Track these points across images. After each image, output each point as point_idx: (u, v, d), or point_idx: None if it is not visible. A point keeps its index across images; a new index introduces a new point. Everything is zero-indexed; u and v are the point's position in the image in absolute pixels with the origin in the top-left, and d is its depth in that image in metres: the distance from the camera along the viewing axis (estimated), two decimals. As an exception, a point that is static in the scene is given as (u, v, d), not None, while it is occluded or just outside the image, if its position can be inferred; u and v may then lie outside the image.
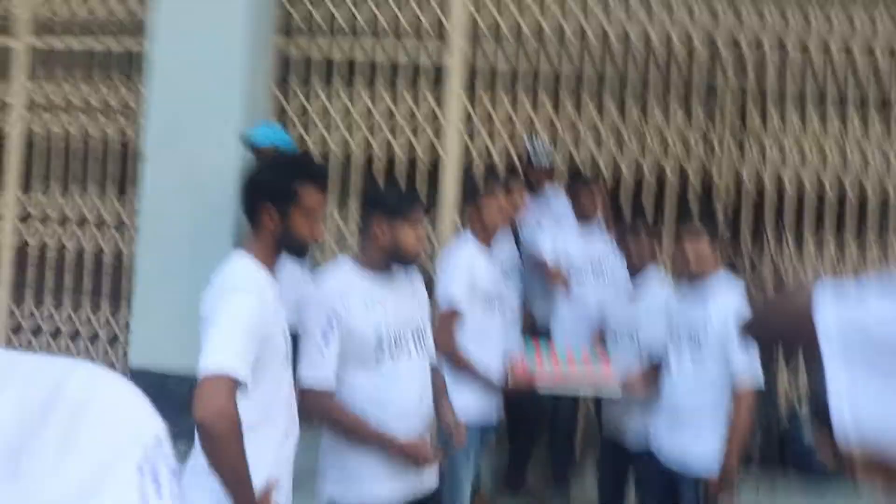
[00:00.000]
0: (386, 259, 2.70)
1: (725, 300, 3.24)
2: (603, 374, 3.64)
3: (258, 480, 2.02)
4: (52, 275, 5.33)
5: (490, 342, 3.52)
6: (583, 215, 4.42)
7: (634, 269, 3.81)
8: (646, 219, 4.17)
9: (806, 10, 4.84)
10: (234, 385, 1.95)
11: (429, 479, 2.80)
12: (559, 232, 4.45)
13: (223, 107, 4.55)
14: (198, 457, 2.09)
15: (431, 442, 2.76)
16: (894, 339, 0.92)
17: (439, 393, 2.90)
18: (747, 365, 3.16)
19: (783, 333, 1.16)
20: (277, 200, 2.24)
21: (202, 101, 4.57)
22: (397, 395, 2.65)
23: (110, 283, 5.27)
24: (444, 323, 3.28)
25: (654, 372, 3.57)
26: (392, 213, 2.67)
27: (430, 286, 3.04)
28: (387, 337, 2.64)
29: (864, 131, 4.94)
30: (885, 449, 0.93)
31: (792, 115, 4.92)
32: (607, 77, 4.96)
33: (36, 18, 5.30)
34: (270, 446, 2.17)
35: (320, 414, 2.60)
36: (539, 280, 4.46)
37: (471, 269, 3.44)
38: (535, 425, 4.47)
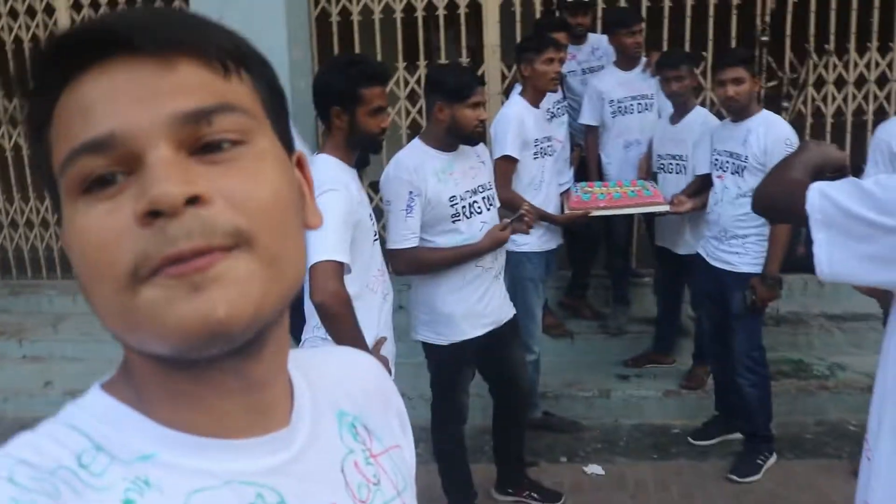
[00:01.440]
0: (451, 137, 2.98)
1: (766, 133, 3.47)
2: (651, 195, 3.97)
3: (368, 340, 2.44)
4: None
5: (544, 184, 3.86)
6: (626, 61, 4.51)
7: (680, 103, 4.03)
8: (687, 53, 4.27)
9: None
10: (339, 267, 2.33)
11: (506, 309, 3.22)
12: (600, 80, 4.59)
13: None
14: (313, 331, 2.52)
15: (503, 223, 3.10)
16: (851, 216, 1.30)
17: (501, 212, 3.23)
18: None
19: (780, 205, 1.52)
20: (344, 103, 2.52)
21: None
22: None
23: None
24: (501, 172, 3.58)
25: (700, 189, 3.89)
26: (451, 96, 2.91)
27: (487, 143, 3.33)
28: (460, 202, 2.98)
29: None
30: (848, 282, 1.38)
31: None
32: None
33: None
34: (373, 310, 2.58)
35: (408, 264, 2.98)
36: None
37: (520, 124, 3.69)
38: (591, 248, 4.84)
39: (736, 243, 3.63)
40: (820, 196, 1.35)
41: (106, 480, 0.57)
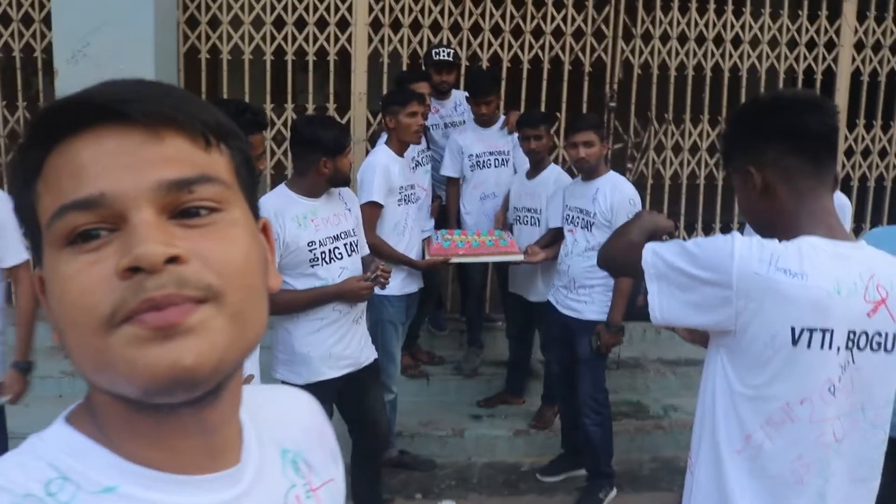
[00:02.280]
0: (326, 185, 3.12)
1: (612, 192, 3.80)
2: (508, 245, 4.22)
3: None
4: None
5: (408, 229, 4.03)
6: (483, 122, 4.76)
7: (537, 160, 4.33)
8: (545, 114, 4.59)
9: None
10: None
11: (367, 352, 3.32)
12: (461, 134, 4.81)
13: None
14: None
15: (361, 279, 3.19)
16: (676, 271, 1.58)
17: (367, 259, 3.36)
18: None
19: (621, 262, 1.82)
20: None
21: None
22: None
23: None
24: (367, 217, 3.71)
25: (553, 241, 4.18)
26: (332, 151, 3.06)
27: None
28: (319, 247, 3.09)
29: (737, 18, 5.47)
30: (676, 325, 1.67)
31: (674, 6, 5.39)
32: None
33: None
34: None
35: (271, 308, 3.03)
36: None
37: (386, 172, 3.84)
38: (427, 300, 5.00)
39: (583, 293, 3.92)
40: (652, 254, 1.61)
41: None
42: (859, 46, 5.71)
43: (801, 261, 1.48)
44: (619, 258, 1.81)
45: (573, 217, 3.99)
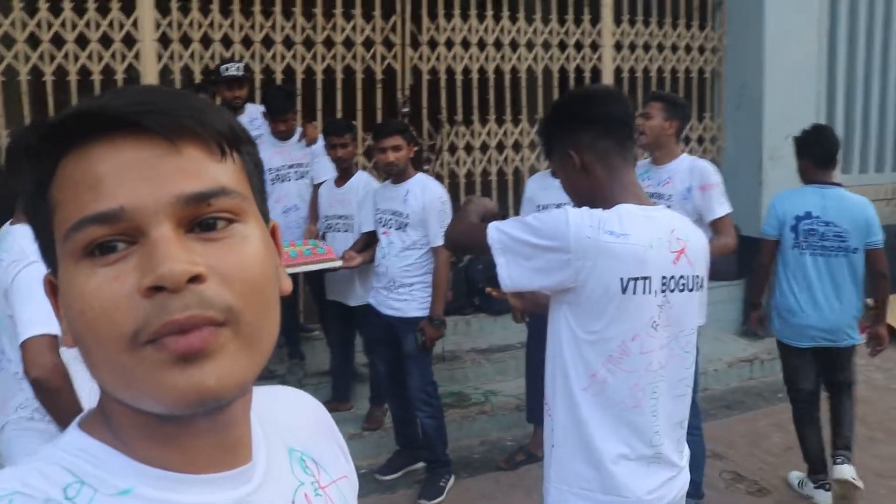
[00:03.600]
0: None
1: (423, 192, 3.96)
2: (325, 252, 4.28)
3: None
4: None
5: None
6: (280, 136, 4.78)
7: (344, 167, 4.42)
8: (349, 122, 4.69)
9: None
10: (53, 340, 2.20)
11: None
12: (260, 147, 4.78)
13: None
14: (16, 411, 2.38)
15: None
16: (520, 242, 1.84)
17: None
18: (442, 233, 3.95)
19: (468, 242, 2.11)
20: None
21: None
22: None
23: None
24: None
25: (367, 244, 4.28)
26: None
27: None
28: None
29: (513, 24, 5.87)
30: (524, 290, 1.93)
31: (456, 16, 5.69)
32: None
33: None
34: (85, 381, 2.47)
35: None
36: None
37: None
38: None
39: (404, 291, 4.05)
40: (496, 231, 1.87)
41: None
42: (619, 47, 6.32)
43: (622, 223, 1.78)
44: (464, 239, 2.10)
45: (386, 220, 4.11)
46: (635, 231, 1.78)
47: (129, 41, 4.92)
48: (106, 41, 4.87)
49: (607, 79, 6.26)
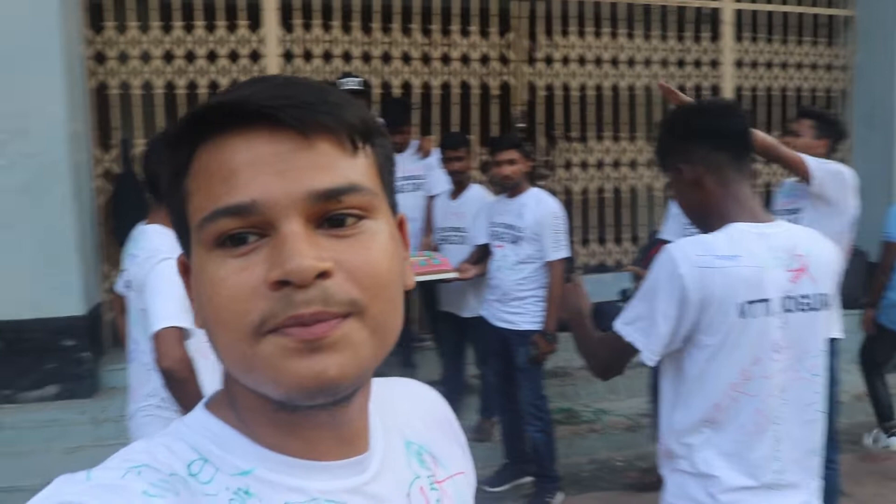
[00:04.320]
0: None
1: (538, 207, 3.96)
2: (440, 263, 4.33)
3: None
4: None
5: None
6: (397, 148, 4.88)
7: (459, 180, 4.47)
8: (465, 136, 4.74)
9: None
10: (181, 333, 2.32)
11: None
12: None
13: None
14: (145, 399, 2.52)
15: None
16: (643, 318, 1.77)
17: None
18: (556, 247, 3.94)
19: (615, 360, 1.90)
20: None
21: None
22: None
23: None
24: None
25: (481, 257, 4.29)
26: None
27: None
28: None
29: (630, 41, 5.83)
30: (666, 351, 1.79)
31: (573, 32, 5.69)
32: (413, 6, 5.44)
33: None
34: (209, 374, 2.59)
35: None
36: None
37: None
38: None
39: (516, 304, 4.05)
40: (623, 326, 1.80)
41: (212, 488, 0.64)
42: (740, 65, 6.16)
43: (732, 245, 1.72)
44: (609, 358, 1.92)
45: (500, 233, 4.12)
46: (747, 252, 1.72)
47: (255, 56, 5.14)
48: (233, 56, 5.10)
49: (727, 96, 6.11)
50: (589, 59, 5.79)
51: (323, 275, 0.60)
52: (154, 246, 2.44)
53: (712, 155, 1.81)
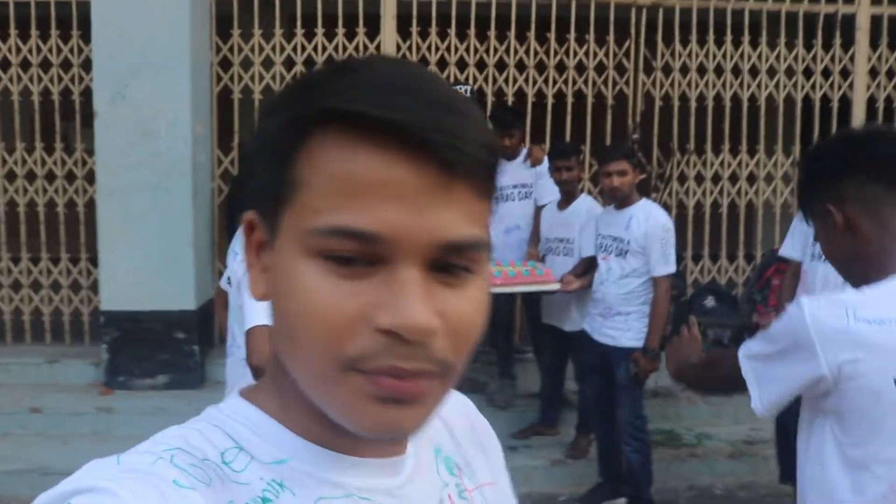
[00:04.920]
0: None
1: (646, 219, 3.86)
2: (543, 274, 4.27)
3: None
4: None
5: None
6: (506, 155, 4.80)
7: (568, 190, 4.41)
8: (575, 146, 4.68)
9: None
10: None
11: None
12: None
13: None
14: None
15: None
16: (762, 358, 1.56)
17: None
18: (663, 262, 3.83)
19: (726, 383, 1.73)
20: None
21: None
22: None
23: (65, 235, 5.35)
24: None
25: (586, 269, 4.22)
26: None
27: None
28: None
29: (754, 49, 5.60)
30: (777, 408, 1.56)
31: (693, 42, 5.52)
32: (529, 15, 5.41)
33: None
34: None
35: None
36: None
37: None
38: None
39: (620, 320, 3.96)
40: (745, 359, 1.58)
41: (245, 477, 0.63)
42: (874, 73, 5.81)
43: (886, 306, 1.42)
44: (723, 383, 1.77)
45: (607, 245, 4.04)
46: None
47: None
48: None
49: (859, 108, 5.78)
50: (709, 68, 5.60)
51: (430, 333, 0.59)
52: None
53: (867, 188, 1.49)
